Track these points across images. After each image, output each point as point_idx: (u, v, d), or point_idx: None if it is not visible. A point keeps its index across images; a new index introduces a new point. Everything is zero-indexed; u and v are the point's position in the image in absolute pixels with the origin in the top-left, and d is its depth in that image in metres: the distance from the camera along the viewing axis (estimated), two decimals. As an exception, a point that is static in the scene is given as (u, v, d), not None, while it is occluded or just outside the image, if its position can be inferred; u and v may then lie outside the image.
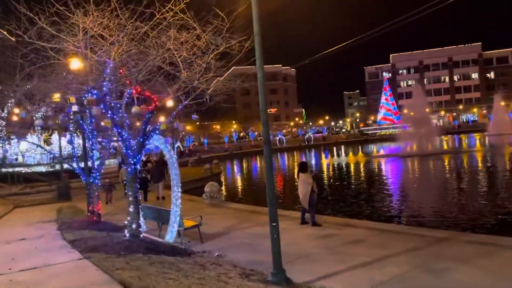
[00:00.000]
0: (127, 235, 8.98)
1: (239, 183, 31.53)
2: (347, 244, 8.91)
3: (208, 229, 11.20)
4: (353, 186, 23.40)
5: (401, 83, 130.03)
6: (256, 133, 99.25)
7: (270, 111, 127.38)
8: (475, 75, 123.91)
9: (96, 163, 12.65)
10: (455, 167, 29.53)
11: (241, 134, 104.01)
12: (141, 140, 8.86)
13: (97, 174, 12.41)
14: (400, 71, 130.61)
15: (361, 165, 35.06)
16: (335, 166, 37.11)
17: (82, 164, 13.69)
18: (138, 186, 9.52)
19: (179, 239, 10.01)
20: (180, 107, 9.23)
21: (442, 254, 7.74)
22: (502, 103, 78.91)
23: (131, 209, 8.98)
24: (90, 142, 12.42)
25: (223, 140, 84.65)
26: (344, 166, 36.81)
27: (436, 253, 7.83)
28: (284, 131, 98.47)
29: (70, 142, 14.14)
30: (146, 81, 8.89)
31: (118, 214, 14.31)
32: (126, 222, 9.21)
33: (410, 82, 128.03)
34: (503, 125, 67.45)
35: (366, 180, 25.94)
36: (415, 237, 9.18)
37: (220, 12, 7.22)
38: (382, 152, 51.43)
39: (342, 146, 72.96)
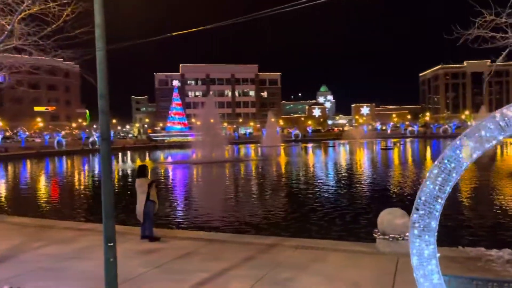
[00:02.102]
0: None
1: (7, 191, 25.81)
2: (178, 259, 7.87)
3: (-17, 253, 8.35)
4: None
5: (189, 93, 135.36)
6: (27, 133, 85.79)
7: (47, 109, 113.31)
8: (252, 93, 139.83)
9: None
10: (239, 173, 31.76)
11: (8, 134, 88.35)
12: None
13: None
14: (189, 82, 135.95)
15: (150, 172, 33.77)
16: (122, 172, 34.96)
17: None
18: None
19: None
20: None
21: (277, 262, 7.58)
22: (273, 119, 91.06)
23: None
24: None
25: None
26: (130, 172, 34.38)
27: (271, 262, 7.62)
28: (63, 132, 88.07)
29: None
30: None
31: None
32: None
33: (197, 93, 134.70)
34: (274, 138, 78.17)
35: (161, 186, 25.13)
36: (244, 245, 8.87)
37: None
38: (170, 159, 51.58)
39: (129, 152, 70.19)
